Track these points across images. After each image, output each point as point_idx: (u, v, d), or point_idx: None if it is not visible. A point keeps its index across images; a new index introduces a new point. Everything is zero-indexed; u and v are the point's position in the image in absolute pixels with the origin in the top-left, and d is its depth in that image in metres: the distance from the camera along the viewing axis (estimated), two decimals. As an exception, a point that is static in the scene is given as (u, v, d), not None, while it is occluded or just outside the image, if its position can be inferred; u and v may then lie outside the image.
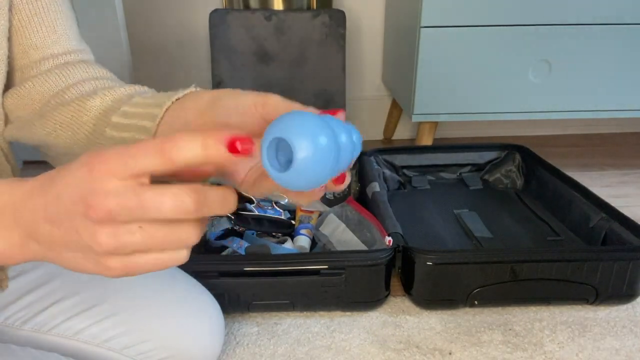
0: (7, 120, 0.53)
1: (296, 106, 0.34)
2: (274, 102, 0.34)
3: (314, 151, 0.27)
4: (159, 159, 0.28)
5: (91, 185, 0.28)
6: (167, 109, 0.41)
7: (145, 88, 0.49)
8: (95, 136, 0.45)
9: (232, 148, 0.28)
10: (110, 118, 0.44)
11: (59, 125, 0.48)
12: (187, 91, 0.41)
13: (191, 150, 0.28)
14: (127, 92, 0.47)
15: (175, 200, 0.28)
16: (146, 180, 0.29)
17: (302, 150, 0.27)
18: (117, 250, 0.29)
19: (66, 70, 0.51)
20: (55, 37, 0.52)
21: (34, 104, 0.50)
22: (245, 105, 0.35)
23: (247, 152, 0.28)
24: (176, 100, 0.41)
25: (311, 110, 0.32)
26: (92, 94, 0.47)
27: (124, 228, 0.28)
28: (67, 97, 0.49)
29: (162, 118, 0.41)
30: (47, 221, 0.30)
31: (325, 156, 0.28)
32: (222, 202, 0.30)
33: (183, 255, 0.31)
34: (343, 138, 0.30)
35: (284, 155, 0.30)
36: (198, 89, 0.42)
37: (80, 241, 0.29)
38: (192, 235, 0.30)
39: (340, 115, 0.34)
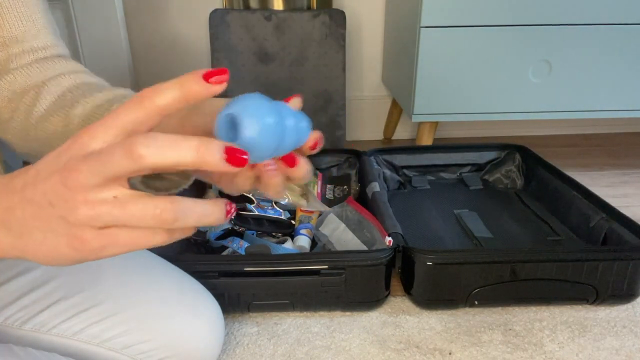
0: None
1: None
2: None
3: (260, 128, 0.31)
4: (142, 109, 0.29)
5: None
6: None
7: (122, 91, 0.49)
8: None
9: (208, 80, 0.30)
10: None
11: (52, 134, 0.48)
12: None
13: (170, 90, 0.29)
14: (106, 97, 0.48)
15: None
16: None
17: (249, 126, 0.31)
18: (92, 220, 0.28)
19: (46, 64, 0.52)
20: (35, 30, 0.52)
21: (16, 97, 0.51)
22: (220, 108, 0.36)
23: (222, 81, 0.30)
24: None
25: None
26: (74, 102, 0.48)
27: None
28: (46, 92, 0.49)
29: None
30: (20, 209, 0.30)
31: (270, 135, 0.31)
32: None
33: (160, 238, 0.30)
34: (290, 122, 0.33)
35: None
36: None
37: (53, 214, 0.29)
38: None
39: (295, 101, 0.36)
